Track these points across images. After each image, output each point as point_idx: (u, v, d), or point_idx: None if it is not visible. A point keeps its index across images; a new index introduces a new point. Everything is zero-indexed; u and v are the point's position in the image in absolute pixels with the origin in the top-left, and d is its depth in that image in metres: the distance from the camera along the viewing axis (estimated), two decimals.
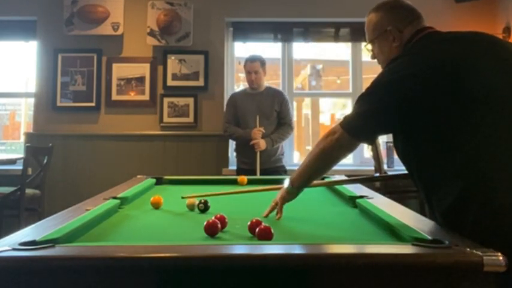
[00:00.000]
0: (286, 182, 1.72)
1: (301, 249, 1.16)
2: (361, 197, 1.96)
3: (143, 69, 4.53)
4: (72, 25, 4.47)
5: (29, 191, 3.86)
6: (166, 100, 4.51)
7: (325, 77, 5.99)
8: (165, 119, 4.49)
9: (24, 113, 5.33)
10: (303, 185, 1.70)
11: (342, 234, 1.51)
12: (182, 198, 1.95)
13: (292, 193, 1.71)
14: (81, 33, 4.47)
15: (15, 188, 3.77)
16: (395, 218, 1.47)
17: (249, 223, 1.43)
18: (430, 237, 1.18)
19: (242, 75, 4.67)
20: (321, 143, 1.58)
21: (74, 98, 4.52)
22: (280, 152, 3.85)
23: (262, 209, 1.75)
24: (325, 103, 5.78)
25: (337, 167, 1.99)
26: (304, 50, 5.08)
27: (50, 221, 1.47)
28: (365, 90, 1.51)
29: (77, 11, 4.46)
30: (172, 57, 4.52)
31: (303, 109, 5.58)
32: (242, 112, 3.83)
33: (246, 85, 3.99)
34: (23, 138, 4.71)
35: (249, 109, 3.80)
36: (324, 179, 2.48)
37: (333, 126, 1.58)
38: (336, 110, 5.81)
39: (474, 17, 4.36)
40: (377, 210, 1.62)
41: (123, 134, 4.47)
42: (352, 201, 1.97)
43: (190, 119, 4.49)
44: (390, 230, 1.40)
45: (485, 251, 1.02)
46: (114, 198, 1.91)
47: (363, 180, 2.09)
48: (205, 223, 1.41)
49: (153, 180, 2.65)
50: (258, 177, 3.27)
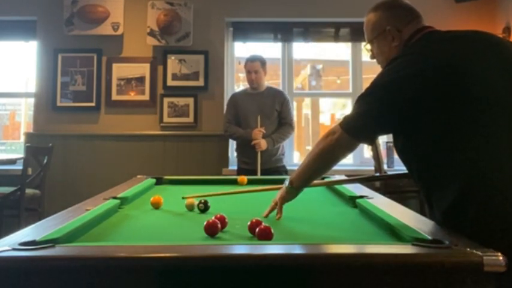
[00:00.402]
0: (286, 182, 1.72)
1: (301, 249, 1.16)
2: (361, 197, 1.96)
3: (143, 69, 4.53)
4: (72, 25, 4.47)
5: (29, 191, 3.87)
6: (166, 100, 4.51)
7: (325, 77, 5.99)
8: (165, 119, 4.49)
9: (24, 113, 5.33)
10: (302, 184, 1.69)
11: (342, 234, 1.50)
12: (183, 199, 1.95)
13: (291, 193, 1.70)
14: (81, 33, 4.47)
15: (15, 188, 3.77)
16: (395, 218, 1.47)
17: (249, 223, 1.42)
18: (430, 237, 1.17)
19: (242, 75, 4.67)
20: (320, 143, 1.58)
21: (74, 98, 4.52)
22: (281, 152, 3.86)
23: (262, 209, 1.75)
24: (325, 103, 5.78)
25: (337, 167, 1.99)
26: (304, 50, 5.08)
27: (50, 221, 1.47)
28: (365, 90, 1.51)
29: (77, 11, 4.46)
30: (172, 57, 4.52)
31: (303, 109, 5.58)
32: (243, 112, 3.83)
33: (246, 85, 4.00)
34: (23, 138, 4.72)
35: (250, 109, 3.80)
36: (324, 179, 2.48)
37: (332, 126, 1.58)
38: (336, 110, 5.81)
39: (474, 17, 4.36)
40: (377, 210, 1.62)
41: (123, 134, 4.48)
42: (352, 201, 1.97)
43: (190, 119, 4.49)
44: (390, 230, 1.40)
45: (485, 251, 1.02)
46: (114, 198, 1.91)
47: (362, 180, 2.08)
48: (205, 223, 1.41)
49: (153, 180, 2.65)
50: (258, 177, 3.27)
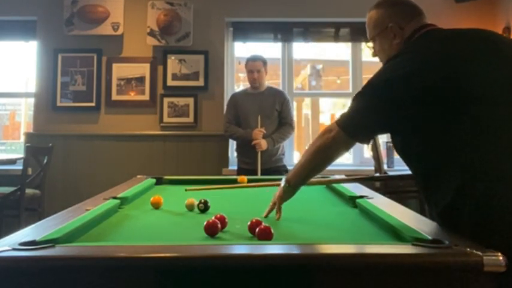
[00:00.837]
0: (283, 181, 1.70)
1: (301, 250, 1.16)
2: (361, 197, 1.96)
3: (143, 69, 4.53)
4: (72, 25, 4.47)
5: (29, 191, 3.87)
6: (166, 100, 4.51)
7: (325, 77, 6.00)
8: (165, 119, 4.49)
9: (24, 113, 5.34)
10: (299, 183, 1.68)
11: (342, 234, 1.50)
12: (186, 191, 1.96)
13: (288, 192, 1.69)
14: (81, 33, 4.47)
15: (15, 188, 3.77)
16: (395, 218, 1.47)
17: (249, 223, 1.42)
18: (430, 237, 1.17)
19: (242, 75, 4.68)
20: (317, 141, 1.57)
21: (74, 98, 4.52)
22: (281, 152, 3.86)
23: (262, 208, 1.75)
24: (325, 103, 5.78)
25: (337, 167, 1.99)
26: (304, 50, 5.09)
27: (50, 221, 1.47)
28: (362, 88, 1.49)
29: (77, 11, 4.46)
30: (172, 57, 4.52)
31: (303, 109, 5.58)
32: (243, 112, 3.83)
33: (247, 85, 3.99)
34: (23, 138, 4.71)
35: (250, 109, 3.80)
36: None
37: (329, 124, 1.56)
38: (336, 110, 5.81)
39: (474, 17, 4.36)
40: (377, 210, 1.62)
41: (123, 134, 4.47)
42: (352, 201, 1.96)
43: (190, 119, 4.49)
44: (390, 230, 1.40)
45: (485, 251, 1.02)
46: (114, 198, 1.91)
47: (361, 179, 2.08)
48: (205, 223, 1.41)
49: (153, 180, 2.65)
50: (258, 177, 3.27)
